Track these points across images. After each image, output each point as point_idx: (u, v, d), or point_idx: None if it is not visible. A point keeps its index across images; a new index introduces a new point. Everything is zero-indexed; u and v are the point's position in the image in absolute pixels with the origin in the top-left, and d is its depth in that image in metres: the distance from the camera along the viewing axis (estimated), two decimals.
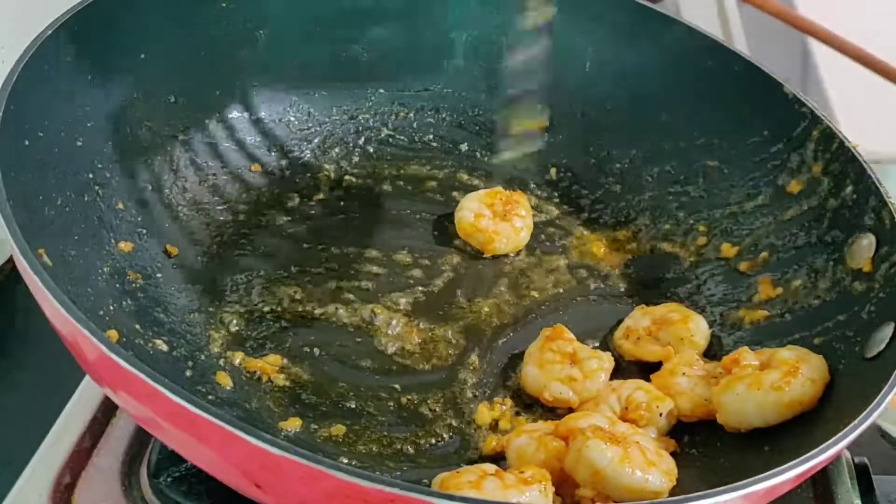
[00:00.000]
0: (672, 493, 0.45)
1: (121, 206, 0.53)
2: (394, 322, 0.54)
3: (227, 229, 0.58)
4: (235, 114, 0.62)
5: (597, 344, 0.55)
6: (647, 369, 0.53)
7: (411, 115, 0.67)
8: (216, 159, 0.60)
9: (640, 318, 0.56)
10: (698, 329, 0.54)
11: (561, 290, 0.59)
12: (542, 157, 0.67)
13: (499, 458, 0.48)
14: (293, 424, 0.48)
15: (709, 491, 0.36)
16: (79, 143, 0.51)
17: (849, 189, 0.54)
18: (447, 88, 0.68)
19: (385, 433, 0.49)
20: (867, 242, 0.52)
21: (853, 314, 0.50)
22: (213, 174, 0.60)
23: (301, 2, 0.64)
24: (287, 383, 0.50)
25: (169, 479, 0.47)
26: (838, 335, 0.50)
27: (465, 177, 0.66)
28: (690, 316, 0.55)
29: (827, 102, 1.01)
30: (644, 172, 0.64)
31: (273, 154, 0.63)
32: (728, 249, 0.59)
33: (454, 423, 0.50)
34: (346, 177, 0.64)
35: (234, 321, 0.53)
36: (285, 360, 0.51)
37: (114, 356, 0.36)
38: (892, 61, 0.96)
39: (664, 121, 0.64)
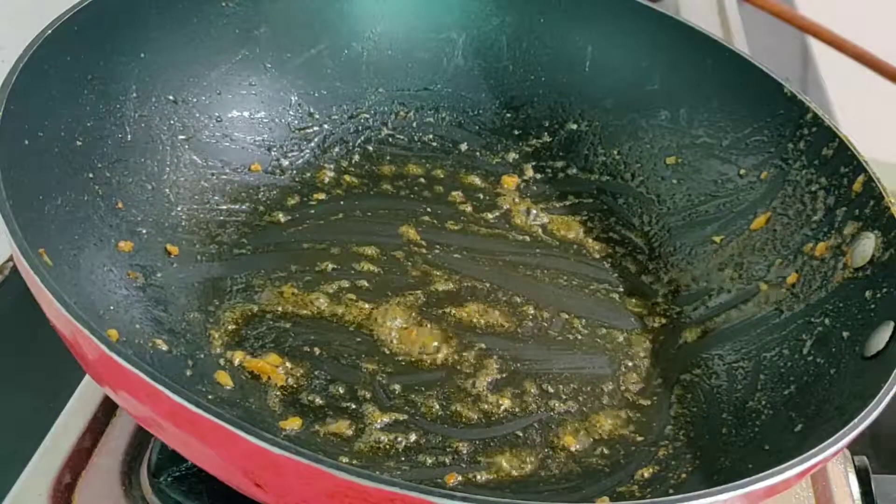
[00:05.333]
0: (672, 491, 0.45)
1: (121, 205, 0.53)
2: (394, 321, 0.54)
3: (227, 229, 0.58)
4: (235, 113, 0.62)
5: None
6: None
7: (411, 114, 0.68)
8: (216, 159, 0.60)
9: None
10: None
11: (564, 289, 0.59)
12: (540, 156, 0.67)
13: None
14: (293, 424, 0.48)
15: (709, 490, 0.36)
16: (79, 143, 0.51)
17: (848, 189, 0.54)
18: (447, 88, 0.68)
19: (385, 432, 0.49)
20: (867, 242, 0.52)
21: (852, 313, 0.50)
22: (213, 174, 0.60)
23: (301, 1, 0.64)
24: (287, 383, 0.50)
25: (169, 479, 0.47)
26: (837, 334, 0.50)
27: (465, 176, 0.66)
28: None
29: (827, 102, 1.01)
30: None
31: (273, 154, 0.63)
32: None
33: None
34: (346, 176, 0.64)
35: (234, 321, 0.53)
36: (285, 360, 0.51)
37: (114, 356, 0.36)
38: (893, 61, 0.96)
39: (664, 120, 0.64)
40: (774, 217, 0.58)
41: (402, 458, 0.48)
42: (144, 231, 0.54)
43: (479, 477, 0.48)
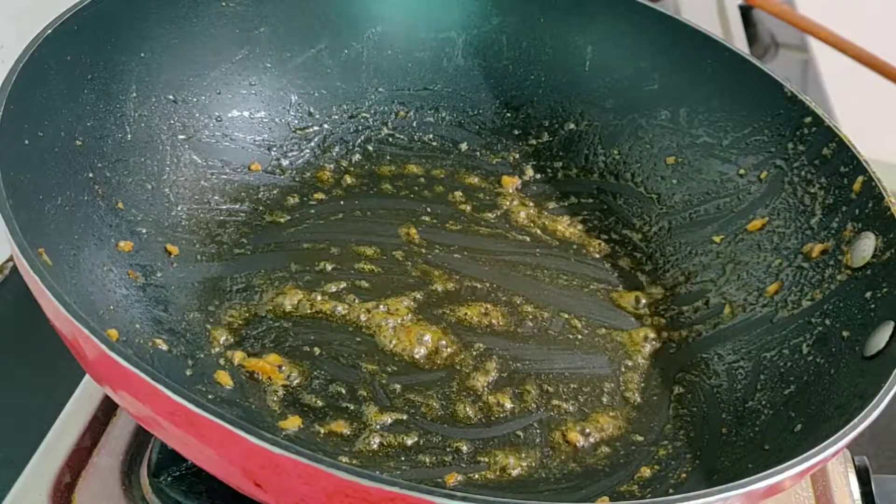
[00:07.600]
0: (672, 491, 0.45)
1: (121, 205, 0.53)
2: (394, 321, 0.54)
3: (227, 229, 0.58)
4: (235, 113, 0.62)
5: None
6: None
7: (411, 114, 0.68)
8: (216, 159, 0.60)
9: None
10: None
11: (564, 289, 0.59)
12: (540, 155, 0.67)
13: None
14: (293, 424, 0.48)
15: (709, 490, 0.36)
16: (79, 143, 0.51)
17: (848, 188, 0.54)
18: (447, 88, 0.68)
19: (385, 432, 0.49)
20: (867, 242, 0.52)
21: (852, 313, 0.50)
22: (213, 174, 0.60)
23: (301, 1, 0.64)
24: (287, 383, 0.50)
25: (169, 479, 0.47)
26: (837, 334, 0.50)
27: (465, 176, 0.66)
28: None
29: (827, 102, 1.01)
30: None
31: (273, 154, 0.63)
32: None
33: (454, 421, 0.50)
34: (346, 176, 0.64)
35: (234, 320, 0.53)
36: (285, 360, 0.51)
37: (114, 355, 0.36)
38: (893, 61, 0.97)
39: (664, 120, 0.64)
40: (774, 217, 0.58)
41: (402, 458, 0.48)
42: (144, 231, 0.54)
43: (479, 476, 0.48)
